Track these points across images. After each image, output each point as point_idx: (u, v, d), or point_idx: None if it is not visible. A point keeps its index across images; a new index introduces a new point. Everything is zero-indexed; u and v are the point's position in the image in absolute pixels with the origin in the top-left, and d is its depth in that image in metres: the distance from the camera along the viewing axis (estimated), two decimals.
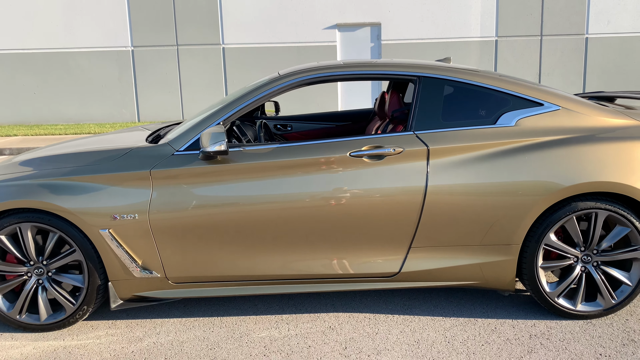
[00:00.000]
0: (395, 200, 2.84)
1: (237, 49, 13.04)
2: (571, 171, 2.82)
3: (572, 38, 13.09)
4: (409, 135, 2.90)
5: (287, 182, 2.83)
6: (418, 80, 3.02)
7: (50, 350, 2.77)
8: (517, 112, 2.97)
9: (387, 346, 2.72)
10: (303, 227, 2.85)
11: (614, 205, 2.85)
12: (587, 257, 2.93)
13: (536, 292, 2.95)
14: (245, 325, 2.97)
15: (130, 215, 2.81)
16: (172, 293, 2.94)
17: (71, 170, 2.91)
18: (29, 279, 2.93)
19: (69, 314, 2.93)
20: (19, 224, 2.84)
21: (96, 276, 2.88)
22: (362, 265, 2.91)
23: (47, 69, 13.06)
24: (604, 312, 2.96)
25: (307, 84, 3.08)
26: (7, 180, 2.92)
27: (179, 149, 2.91)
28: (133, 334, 2.91)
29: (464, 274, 2.94)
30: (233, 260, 2.88)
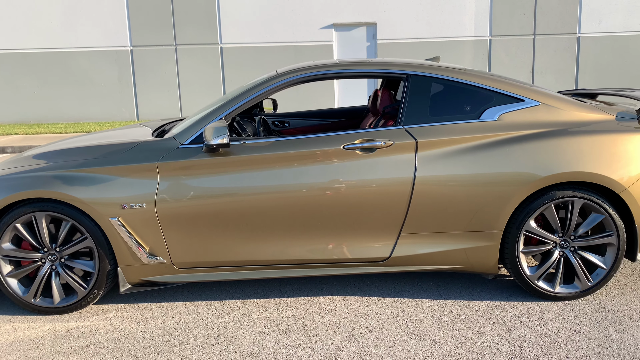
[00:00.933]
0: (386, 190, 3.04)
1: (235, 49, 13.23)
2: (549, 162, 3.03)
3: (565, 37, 13.32)
4: (398, 129, 3.11)
5: (285, 173, 3.04)
6: (407, 78, 3.22)
7: (64, 331, 2.97)
8: (500, 107, 3.18)
9: (379, 325, 2.93)
10: (300, 215, 3.05)
11: (589, 194, 3.06)
12: (565, 243, 3.14)
13: (518, 275, 3.16)
14: (246, 308, 3.18)
15: (138, 204, 3.00)
16: (178, 277, 3.14)
17: (83, 162, 3.11)
18: (43, 264, 3.12)
19: (81, 298, 3.13)
20: (34, 213, 3.03)
21: (106, 262, 3.08)
22: (355, 250, 3.12)
23: (47, 69, 13.22)
24: (580, 293, 3.17)
25: (303, 81, 3.28)
26: (22, 172, 3.12)
27: (183, 143, 3.11)
28: (141, 316, 3.12)
29: (450, 259, 3.14)
30: (234, 246, 3.08)
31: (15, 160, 3.41)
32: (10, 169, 3.19)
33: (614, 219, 3.07)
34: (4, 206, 3.02)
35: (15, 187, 3.02)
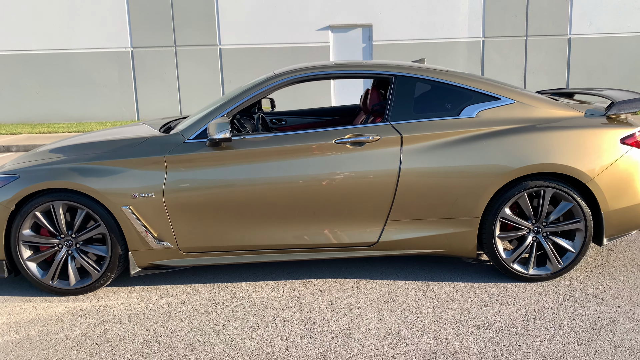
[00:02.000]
0: (374, 180, 3.34)
1: (233, 50, 13.52)
2: (522, 155, 3.33)
3: (556, 38, 13.63)
4: (385, 125, 3.40)
5: (281, 165, 3.33)
6: (394, 79, 3.52)
7: (80, 309, 3.25)
8: (478, 105, 3.47)
9: (367, 302, 3.22)
10: (295, 203, 3.34)
11: (559, 184, 3.36)
12: (538, 229, 3.44)
13: (494, 258, 3.46)
14: (246, 289, 3.47)
15: (147, 194, 3.29)
16: (183, 261, 3.43)
17: (97, 155, 3.40)
18: (60, 249, 3.41)
19: (95, 280, 3.42)
20: (52, 202, 3.32)
21: (118, 247, 3.37)
22: (345, 236, 3.41)
23: (49, 70, 13.49)
24: (552, 275, 3.47)
25: (299, 81, 3.57)
26: (41, 164, 3.40)
27: (189, 138, 3.40)
28: (150, 296, 3.41)
29: (432, 243, 3.44)
30: (235, 232, 3.37)
31: (33, 154, 3.70)
32: (29, 162, 3.47)
33: (582, 207, 3.37)
34: (24, 196, 3.30)
35: (35, 179, 3.31)
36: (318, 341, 2.80)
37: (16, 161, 3.66)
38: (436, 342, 2.76)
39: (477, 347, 2.71)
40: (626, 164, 3.40)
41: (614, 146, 3.39)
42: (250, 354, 2.70)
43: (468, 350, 2.68)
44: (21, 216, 3.32)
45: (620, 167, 3.39)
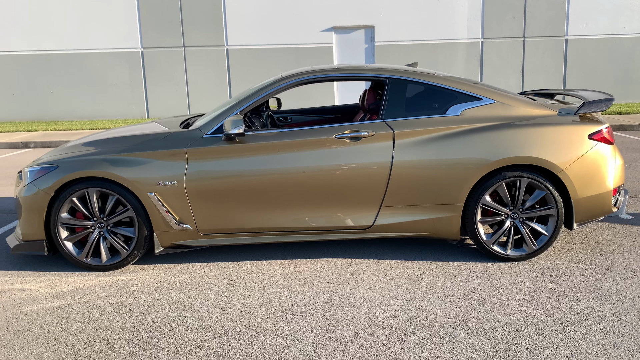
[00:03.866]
0: (369, 171, 3.79)
1: (240, 50, 13.98)
2: (501, 148, 3.77)
3: (553, 40, 14.03)
4: (380, 122, 3.85)
5: (288, 157, 3.78)
6: (388, 81, 3.97)
7: (112, 282, 3.72)
8: (462, 104, 3.92)
9: (363, 277, 3.68)
10: (300, 191, 3.80)
11: (534, 174, 3.79)
12: (515, 214, 3.88)
13: (476, 241, 3.90)
14: (257, 266, 3.93)
15: (170, 182, 3.76)
16: (202, 242, 3.89)
17: (125, 148, 3.86)
18: (93, 231, 3.87)
19: (123, 258, 3.88)
20: (86, 189, 3.79)
21: (144, 229, 3.83)
22: (344, 220, 3.86)
23: (62, 69, 13.99)
24: (527, 255, 3.90)
25: (304, 83, 4.03)
26: (76, 156, 3.87)
27: (207, 133, 3.86)
28: (172, 272, 3.87)
29: (421, 227, 3.89)
30: (247, 216, 3.83)
31: (67, 147, 4.17)
32: (66, 154, 3.94)
33: (554, 195, 3.81)
34: (63, 183, 3.77)
35: (73, 168, 3.77)
36: (320, 307, 3.26)
37: (53, 153, 4.13)
38: (421, 309, 3.21)
39: (456, 312, 3.16)
40: (594, 157, 3.84)
41: (582, 141, 3.83)
42: (262, 317, 3.15)
43: (448, 315, 3.13)
44: (60, 201, 3.79)
45: (588, 159, 3.82)
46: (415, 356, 2.70)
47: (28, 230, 3.86)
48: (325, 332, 2.96)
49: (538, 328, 2.95)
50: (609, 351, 2.71)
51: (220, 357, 2.74)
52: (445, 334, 2.91)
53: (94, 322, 3.15)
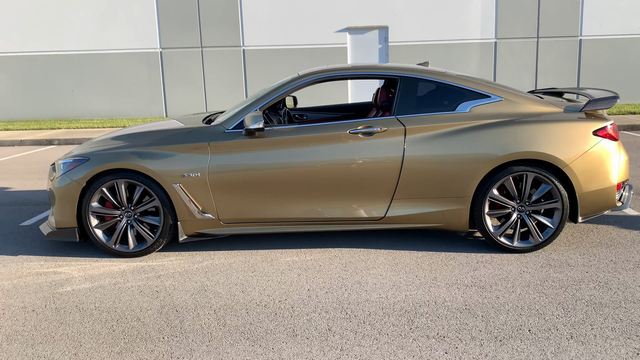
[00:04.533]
0: (381, 165, 3.99)
1: (256, 51, 14.25)
2: (508, 144, 3.94)
3: (567, 40, 14.08)
4: (392, 118, 4.05)
5: (304, 151, 3.99)
6: (400, 79, 4.16)
7: (139, 267, 3.97)
8: (471, 102, 4.10)
9: (375, 265, 3.88)
10: (315, 183, 4.01)
11: (539, 169, 3.96)
12: (521, 207, 4.05)
13: (484, 232, 4.08)
14: (274, 254, 4.15)
15: (194, 174, 3.99)
16: (223, 230, 4.12)
17: (152, 142, 4.10)
18: (121, 219, 4.12)
19: (149, 245, 4.12)
20: (115, 180, 4.03)
21: (169, 218, 4.07)
22: (358, 211, 4.06)
23: (83, 69, 14.38)
24: (534, 247, 4.07)
25: (320, 81, 4.24)
26: (106, 149, 4.12)
27: (228, 128, 4.09)
28: (194, 259, 4.11)
29: (431, 219, 4.07)
30: (266, 207, 4.05)
31: (97, 141, 4.43)
32: (97, 147, 4.20)
33: (559, 189, 3.97)
34: (93, 175, 4.02)
35: (103, 161, 4.03)
36: (334, 291, 3.46)
37: (84, 147, 4.39)
38: (430, 294, 3.40)
39: (463, 298, 3.35)
40: (598, 153, 3.99)
41: (587, 137, 3.99)
42: (280, 299, 3.37)
43: (456, 300, 3.32)
44: (90, 191, 4.05)
45: (593, 155, 3.98)
46: (423, 335, 2.90)
47: (61, 218, 4.13)
48: (339, 313, 3.17)
49: (540, 313, 3.13)
50: (607, 334, 2.87)
51: (242, 334, 2.96)
52: (452, 317, 3.10)
53: (124, 302, 3.39)
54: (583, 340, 2.81)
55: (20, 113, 14.55)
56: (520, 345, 2.78)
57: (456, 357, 2.68)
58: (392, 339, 2.87)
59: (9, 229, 5.04)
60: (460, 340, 2.84)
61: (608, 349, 2.72)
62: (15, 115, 14.60)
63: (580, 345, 2.77)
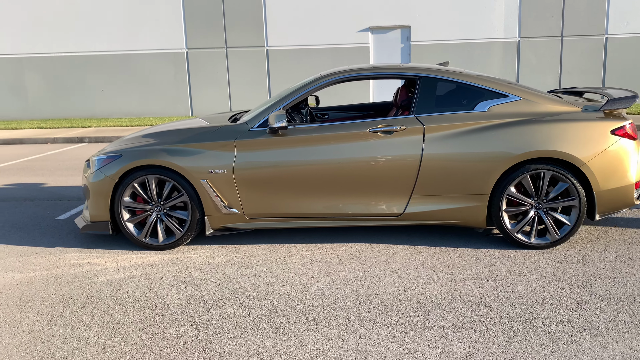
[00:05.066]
0: (400, 163, 4.11)
1: (279, 51, 14.45)
2: (525, 143, 4.02)
3: (592, 38, 13.92)
4: (411, 117, 4.17)
5: (326, 149, 4.14)
6: (419, 79, 4.27)
7: (168, 259, 4.17)
8: (489, 101, 4.19)
9: (394, 260, 4.01)
10: (336, 180, 4.15)
11: (557, 167, 4.03)
12: (539, 205, 4.12)
13: (501, 229, 4.16)
14: (296, 248, 4.31)
15: (221, 170, 4.17)
16: (247, 225, 4.30)
17: (181, 140, 4.30)
18: (151, 214, 4.33)
19: (178, 238, 4.32)
20: (146, 176, 4.24)
21: (196, 212, 4.26)
22: (377, 207, 4.19)
23: (112, 69, 14.79)
24: (551, 244, 4.14)
25: (341, 81, 4.38)
26: (138, 146, 4.34)
27: (253, 127, 4.26)
28: (220, 252, 4.29)
29: (449, 215, 4.18)
30: (289, 202, 4.21)
31: (129, 139, 4.65)
32: (129, 145, 4.42)
33: (576, 187, 4.03)
34: (126, 171, 4.24)
35: (135, 157, 4.24)
36: (354, 284, 3.60)
37: (116, 144, 4.61)
38: (446, 288, 3.52)
39: (479, 291, 3.45)
40: (616, 152, 4.04)
41: (605, 136, 4.04)
42: (301, 290, 3.53)
43: (471, 293, 3.43)
44: (123, 187, 4.26)
45: (611, 154, 4.03)
46: (439, 326, 3.02)
47: (95, 212, 4.36)
48: (358, 304, 3.31)
49: (555, 306, 3.21)
50: (619, 327, 2.95)
51: (266, 322, 3.12)
52: (467, 309, 3.21)
53: (155, 292, 3.59)
54: (595, 333, 2.89)
55: (52, 112, 15.05)
56: (533, 336, 2.88)
57: (470, 346, 2.80)
58: (409, 328, 3.00)
59: (46, 223, 5.32)
60: (474, 330, 2.96)
61: (620, 341, 2.80)
62: (48, 114, 15.10)
63: (593, 337, 2.85)
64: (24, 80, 14.95)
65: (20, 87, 15.02)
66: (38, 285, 3.75)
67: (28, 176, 7.93)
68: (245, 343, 2.89)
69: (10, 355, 2.85)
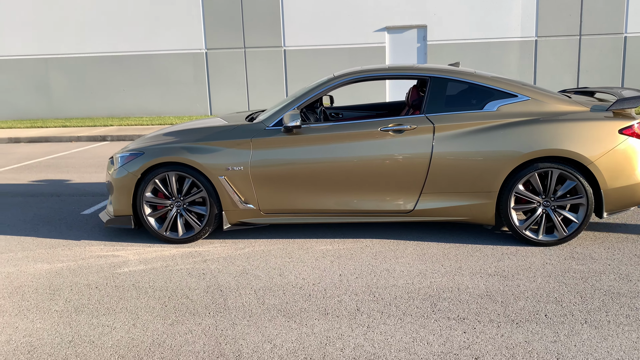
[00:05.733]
0: (411, 161, 4.23)
1: (296, 51, 14.63)
2: (534, 142, 4.11)
3: (611, 37, 13.81)
4: (421, 117, 4.29)
5: (339, 147, 4.29)
6: (430, 79, 4.39)
7: (187, 252, 4.36)
8: (498, 101, 4.29)
9: (404, 255, 4.14)
10: (349, 177, 4.29)
11: (565, 166, 4.12)
12: (547, 202, 4.21)
13: (510, 226, 4.27)
14: (310, 243, 4.47)
15: (238, 167, 4.35)
16: (263, 220, 4.47)
17: (200, 138, 4.49)
18: (172, 209, 4.53)
19: (196, 232, 4.51)
20: (167, 172, 4.44)
21: (214, 207, 4.45)
22: (388, 204, 4.33)
23: (134, 69, 15.14)
24: (558, 241, 4.23)
25: (353, 82, 4.52)
26: (159, 144, 4.54)
27: (268, 126, 4.43)
28: (237, 246, 4.47)
29: (458, 212, 4.29)
30: (303, 198, 4.37)
31: (150, 137, 4.86)
32: (150, 143, 4.62)
33: (584, 185, 4.11)
34: (147, 167, 4.45)
35: (156, 155, 4.44)
36: (364, 277, 3.75)
37: (139, 142, 4.83)
38: (454, 281, 3.64)
39: (485, 285, 3.57)
40: (624, 151, 4.11)
41: (612, 135, 4.11)
42: (314, 282, 3.69)
43: (478, 287, 3.55)
44: (145, 183, 4.47)
45: (618, 153, 4.10)
46: (444, 317, 3.15)
47: (118, 207, 4.57)
48: (367, 295, 3.46)
49: (558, 300, 3.32)
50: (620, 320, 3.05)
51: (279, 311, 3.29)
52: (473, 302, 3.33)
53: (175, 282, 3.78)
54: (596, 325, 2.99)
55: (76, 111, 15.46)
56: (535, 327, 2.99)
57: (473, 336, 2.92)
58: (415, 319, 3.13)
59: (72, 217, 5.57)
60: (478, 322, 3.08)
61: (620, 333, 2.90)
62: (72, 113, 15.51)
63: (594, 329, 2.95)
64: (49, 80, 15.39)
65: (45, 87, 15.46)
66: (65, 275, 3.97)
67: (54, 173, 8.24)
68: (260, 330, 3.06)
69: (41, 338, 3.06)
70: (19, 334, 3.11)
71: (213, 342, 2.95)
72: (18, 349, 2.95)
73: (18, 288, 3.78)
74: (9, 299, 3.61)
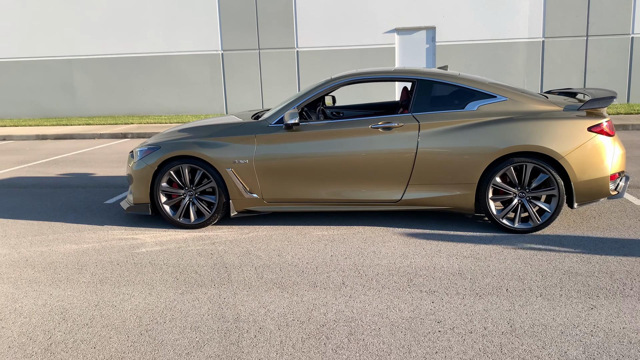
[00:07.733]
0: (398, 155, 4.69)
1: (309, 52, 15.12)
2: (509, 138, 4.54)
3: (618, 38, 14.01)
4: (408, 115, 4.75)
5: (333, 142, 4.77)
6: (417, 81, 4.85)
7: (198, 236, 4.89)
8: (479, 101, 4.72)
9: (390, 240, 4.60)
10: (343, 170, 4.77)
11: (538, 160, 4.53)
12: (522, 194, 4.64)
13: (488, 215, 4.70)
14: (307, 229, 4.96)
15: (243, 160, 4.86)
16: (266, 208, 4.98)
17: (210, 134, 5.01)
18: (184, 198, 5.06)
19: (206, 219, 5.04)
20: (180, 165, 4.97)
21: (222, 197, 4.96)
22: (378, 194, 4.80)
23: (153, 70, 15.79)
24: (533, 229, 4.65)
25: (349, 83, 4.99)
26: (174, 139, 5.07)
27: (271, 123, 4.93)
28: (242, 231, 4.99)
29: (441, 202, 4.74)
30: (301, 189, 4.86)
31: (166, 133, 5.40)
32: (166, 138, 5.16)
33: (555, 178, 4.53)
34: (163, 160, 4.98)
35: (171, 149, 4.97)
36: (353, 257, 4.23)
37: (156, 137, 5.37)
38: (431, 262, 4.10)
39: (459, 265, 4.02)
40: (592, 147, 4.51)
41: (582, 133, 4.52)
42: (307, 261, 4.18)
43: (452, 266, 4.00)
44: (161, 174, 5.01)
45: (587, 148, 4.51)
46: (417, 290, 3.61)
47: (137, 196, 5.12)
48: (353, 272, 3.94)
49: (521, 278, 3.75)
50: (571, 294, 3.47)
51: (275, 284, 3.79)
52: (445, 278, 3.79)
53: (186, 260, 4.31)
54: (549, 298, 3.43)
55: (99, 110, 16.19)
56: (495, 299, 3.44)
57: (440, 305, 3.38)
58: (392, 291, 3.60)
59: (96, 206, 6.15)
60: (446, 294, 3.54)
61: (568, 304, 3.33)
62: (94, 111, 16.25)
63: (546, 301, 3.39)
64: (74, 80, 16.13)
65: (70, 87, 16.22)
66: (91, 254, 4.53)
67: (79, 167, 8.87)
68: (257, 299, 3.56)
69: (72, 303, 3.60)
70: (54, 300, 3.66)
71: (216, 308, 3.45)
72: (53, 310, 3.50)
73: (50, 264, 4.34)
74: (44, 272, 4.17)
